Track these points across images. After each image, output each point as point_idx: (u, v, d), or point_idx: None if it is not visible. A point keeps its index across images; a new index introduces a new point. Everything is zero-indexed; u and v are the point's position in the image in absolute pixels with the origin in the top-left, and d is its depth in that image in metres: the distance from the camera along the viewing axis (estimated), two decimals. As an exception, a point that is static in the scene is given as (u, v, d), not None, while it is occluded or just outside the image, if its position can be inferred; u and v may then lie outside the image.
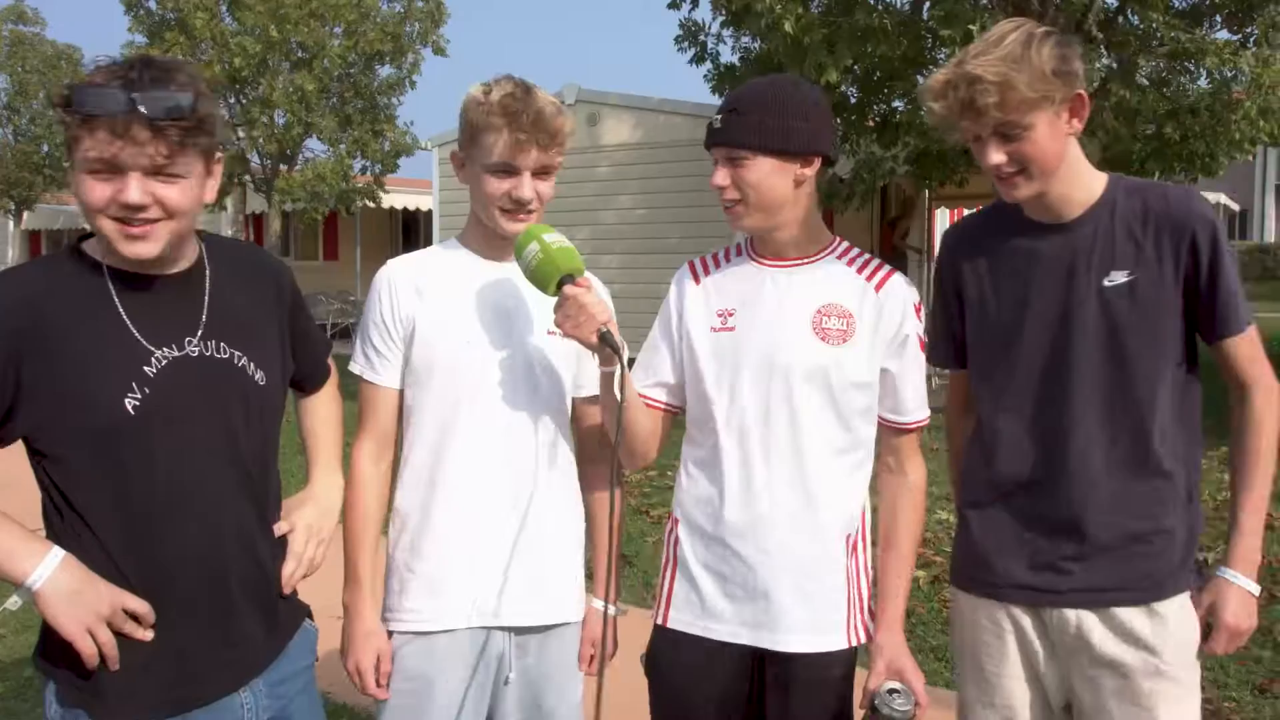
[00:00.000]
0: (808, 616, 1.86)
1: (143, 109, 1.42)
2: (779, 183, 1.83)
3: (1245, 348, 1.80)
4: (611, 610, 2.02)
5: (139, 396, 1.53)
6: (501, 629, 1.90)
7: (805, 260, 1.93)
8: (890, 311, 1.90)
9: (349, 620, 1.91)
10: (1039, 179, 1.75)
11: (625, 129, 12.69)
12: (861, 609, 1.93)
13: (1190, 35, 7.72)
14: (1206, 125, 7.89)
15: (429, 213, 16.43)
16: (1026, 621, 1.87)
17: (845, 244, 1.98)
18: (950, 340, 2.00)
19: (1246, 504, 1.82)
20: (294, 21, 14.62)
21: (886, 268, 1.95)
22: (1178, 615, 1.81)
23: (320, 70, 15.48)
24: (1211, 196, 16.05)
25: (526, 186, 1.86)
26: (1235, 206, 25.53)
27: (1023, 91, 1.66)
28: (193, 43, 14.73)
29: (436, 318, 1.90)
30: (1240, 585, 1.81)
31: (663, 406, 2.00)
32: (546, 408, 1.95)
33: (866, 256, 1.97)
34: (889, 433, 1.97)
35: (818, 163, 1.86)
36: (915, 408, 1.96)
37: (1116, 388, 1.78)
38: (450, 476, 1.89)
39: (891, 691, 1.84)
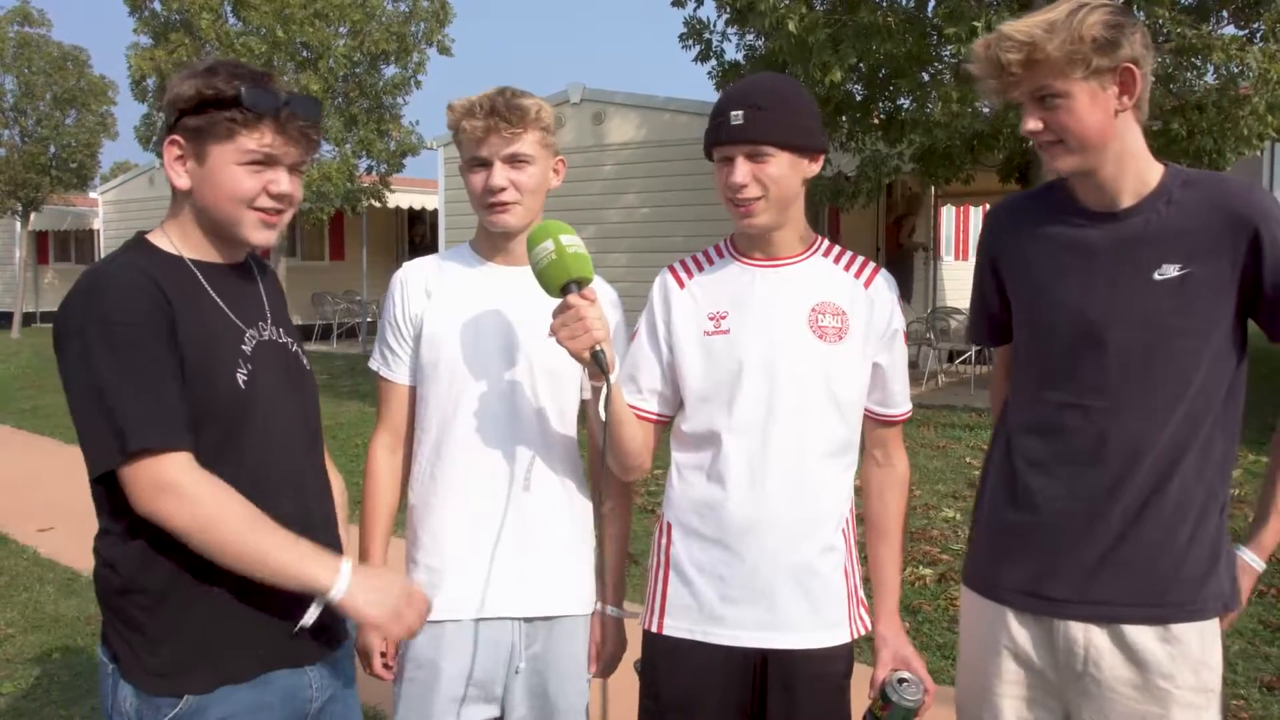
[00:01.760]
0: (812, 614, 1.86)
1: (296, 110, 1.58)
2: (794, 179, 1.84)
3: None
4: (611, 610, 2.05)
5: (245, 372, 1.61)
6: (509, 620, 1.94)
7: (794, 259, 1.92)
8: (881, 307, 1.91)
9: None
10: (1079, 152, 1.67)
11: (630, 128, 12.69)
12: (859, 601, 1.94)
13: (1196, 31, 7.69)
14: (1214, 121, 7.85)
15: (435, 212, 16.45)
16: (1026, 635, 1.80)
17: (828, 242, 1.98)
18: (987, 318, 1.95)
19: None
20: (299, 22, 14.62)
21: (872, 264, 1.96)
22: (1198, 641, 1.71)
23: (325, 70, 15.49)
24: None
25: (497, 174, 1.90)
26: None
27: (1050, 54, 1.60)
28: (198, 44, 14.74)
29: (443, 317, 1.96)
30: (1255, 567, 1.80)
31: (654, 417, 1.98)
32: (550, 406, 1.98)
33: (850, 254, 1.97)
34: (877, 425, 1.98)
35: (821, 159, 1.88)
36: (902, 400, 1.98)
37: (1159, 386, 1.69)
38: (450, 472, 1.95)
39: (901, 680, 1.85)
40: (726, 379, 1.88)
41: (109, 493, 1.53)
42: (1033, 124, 1.68)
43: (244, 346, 1.62)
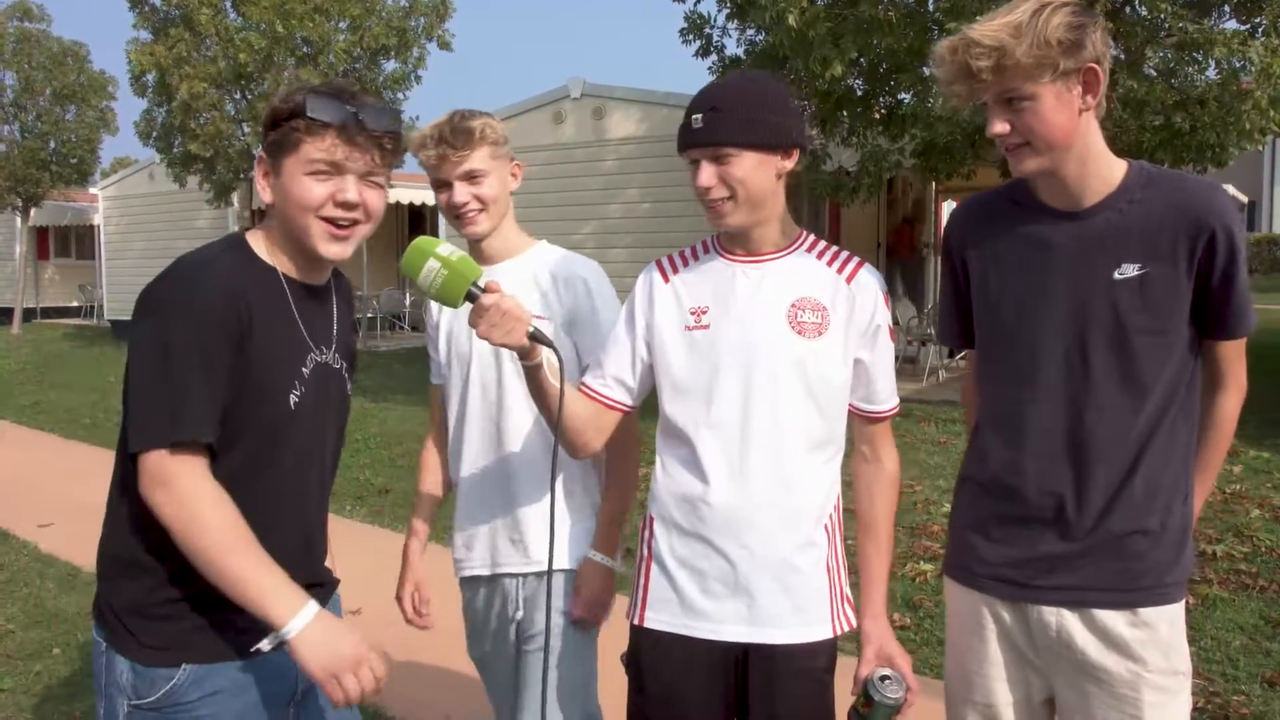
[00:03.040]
0: (792, 609, 1.87)
1: (365, 119, 1.62)
2: (763, 177, 1.84)
3: (1237, 348, 1.78)
4: (596, 556, 2.20)
5: (299, 394, 1.67)
6: (509, 575, 2.24)
7: (776, 254, 1.92)
8: (862, 303, 1.90)
9: (402, 564, 2.42)
10: (1045, 153, 1.69)
11: (631, 123, 12.68)
12: (842, 597, 1.94)
13: (1198, 26, 7.68)
14: (1216, 116, 7.84)
15: (435, 208, 16.44)
16: (1006, 619, 1.84)
17: (812, 237, 1.98)
18: (957, 320, 1.97)
19: (1201, 488, 1.85)
20: (299, 17, 14.60)
21: (855, 259, 1.96)
22: (1167, 626, 1.76)
23: (325, 65, 15.47)
24: (1220, 188, 15.85)
25: (458, 192, 2.12)
26: (1244, 198, 25.43)
27: (1018, 58, 1.61)
28: (197, 39, 14.72)
29: (452, 318, 2.27)
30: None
31: (609, 401, 1.99)
32: None
33: (835, 249, 1.97)
34: (862, 422, 1.98)
35: (796, 155, 1.86)
36: (887, 397, 1.97)
37: (1120, 382, 1.73)
38: (465, 450, 2.26)
39: (884, 678, 1.85)
40: (705, 374, 1.89)
41: (132, 471, 1.57)
42: (1000, 126, 1.69)
43: (304, 369, 1.68)
